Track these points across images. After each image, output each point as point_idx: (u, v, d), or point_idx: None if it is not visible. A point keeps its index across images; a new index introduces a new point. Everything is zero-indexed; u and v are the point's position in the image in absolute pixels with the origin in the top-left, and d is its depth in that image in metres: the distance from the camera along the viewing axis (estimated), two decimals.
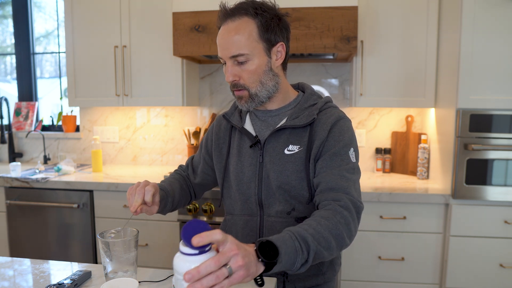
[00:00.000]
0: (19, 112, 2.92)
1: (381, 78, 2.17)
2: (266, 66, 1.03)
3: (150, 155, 2.76)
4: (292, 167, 1.04)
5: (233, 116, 1.17)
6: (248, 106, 1.06)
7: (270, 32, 1.01)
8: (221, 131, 1.19)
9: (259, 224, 1.09)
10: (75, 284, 0.95)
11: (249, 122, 1.14)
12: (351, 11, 1.96)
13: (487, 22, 1.80)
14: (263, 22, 1.00)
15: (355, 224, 0.93)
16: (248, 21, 1.00)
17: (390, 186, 2.07)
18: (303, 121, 1.04)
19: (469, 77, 1.83)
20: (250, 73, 1.02)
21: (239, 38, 0.99)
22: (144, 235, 2.18)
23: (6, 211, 2.29)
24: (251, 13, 1.00)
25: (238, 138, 1.14)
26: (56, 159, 2.88)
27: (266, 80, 1.04)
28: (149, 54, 2.35)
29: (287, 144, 1.06)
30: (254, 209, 1.10)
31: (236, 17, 1.00)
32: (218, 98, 2.65)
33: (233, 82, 1.04)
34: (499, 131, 1.83)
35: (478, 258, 1.91)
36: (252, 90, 1.04)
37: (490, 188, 1.86)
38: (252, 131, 1.11)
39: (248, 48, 1.00)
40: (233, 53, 1.00)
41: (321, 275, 1.11)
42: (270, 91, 1.06)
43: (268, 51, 1.03)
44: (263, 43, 1.01)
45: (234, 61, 1.02)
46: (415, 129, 2.46)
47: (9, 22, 3.03)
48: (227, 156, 1.15)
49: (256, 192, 1.08)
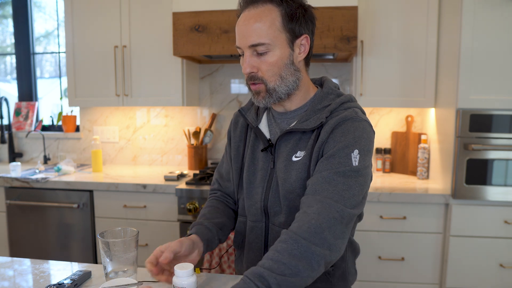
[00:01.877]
0: (19, 112, 2.92)
1: (381, 78, 2.17)
2: (287, 59, 0.94)
3: (150, 155, 2.77)
4: (296, 174, 0.96)
5: (249, 112, 1.08)
6: (265, 102, 0.97)
7: (294, 22, 0.93)
8: (238, 128, 1.10)
9: (264, 232, 1.03)
10: (75, 284, 0.95)
11: (265, 121, 1.05)
12: (351, 11, 1.96)
13: (487, 22, 1.80)
14: (287, 11, 0.92)
15: (332, 232, 0.81)
16: (272, 8, 0.92)
17: (390, 186, 2.07)
18: (311, 125, 0.95)
19: (469, 77, 1.83)
20: (269, 65, 0.93)
21: (260, 26, 0.91)
22: (144, 235, 2.18)
23: (6, 211, 2.29)
24: (276, 0, 0.92)
25: (253, 138, 1.06)
26: (56, 159, 2.88)
27: (286, 74, 0.95)
28: (149, 54, 2.35)
29: (295, 150, 0.98)
30: (259, 216, 1.03)
31: (259, 4, 0.92)
32: (218, 98, 2.65)
33: (250, 74, 0.95)
34: (499, 131, 1.83)
35: (478, 258, 1.91)
36: (270, 85, 0.95)
37: (490, 188, 1.86)
38: (266, 133, 1.03)
39: (270, 38, 0.91)
40: (253, 41, 0.91)
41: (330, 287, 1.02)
42: (290, 87, 0.97)
43: (291, 43, 0.94)
44: (286, 34, 0.93)
45: (253, 51, 0.93)
46: (415, 129, 2.46)
47: (9, 22, 3.03)
48: (243, 156, 1.08)
49: (262, 198, 1.01)
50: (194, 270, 0.88)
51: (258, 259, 1.01)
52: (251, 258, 1.06)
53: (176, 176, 2.22)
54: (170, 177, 2.21)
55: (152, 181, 2.20)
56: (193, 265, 0.89)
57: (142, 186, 2.13)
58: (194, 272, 0.87)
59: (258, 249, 1.04)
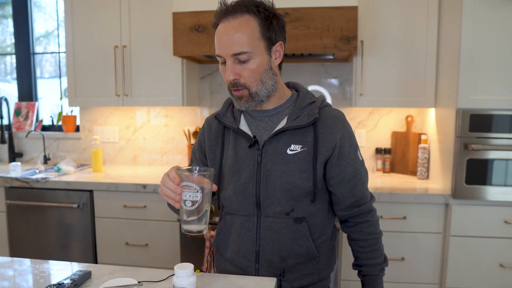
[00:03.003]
0: (19, 112, 2.92)
1: (381, 78, 2.17)
2: (267, 64, 1.02)
3: (150, 155, 2.77)
4: (295, 166, 1.04)
5: (225, 117, 1.14)
6: (248, 105, 1.04)
7: (271, 30, 1.00)
8: (212, 132, 1.16)
9: (256, 224, 1.08)
10: (75, 284, 0.95)
11: (244, 122, 1.12)
12: (351, 11, 1.96)
13: (487, 21, 1.80)
14: (264, 21, 0.99)
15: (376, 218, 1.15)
16: (250, 18, 0.98)
17: (390, 186, 2.07)
18: (305, 121, 1.04)
19: (469, 77, 1.83)
20: (251, 71, 1.00)
21: (241, 35, 0.97)
22: (144, 235, 2.18)
23: (6, 211, 2.30)
24: (253, 11, 0.98)
25: (233, 139, 1.12)
26: (56, 159, 2.88)
27: (266, 79, 1.03)
28: (149, 54, 2.35)
29: (289, 144, 1.05)
30: (251, 210, 1.09)
31: (238, 14, 0.98)
32: (218, 98, 2.65)
33: (233, 81, 1.01)
34: (499, 131, 1.83)
35: (478, 258, 1.91)
36: (253, 89, 1.02)
37: (490, 188, 1.86)
38: (248, 132, 1.10)
39: (251, 46, 0.98)
40: (235, 51, 0.98)
41: (316, 273, 1.11)
42: (270, 90, 1.05)
43: (269, 49, 1.02)
44: (264, 42, 1.00)
45: (235, 60, 0.99)
46: (415, 129, 2.46)
47: (9, 22, 3.03)
48: (221, 158, 1.14)
49: (255, 192, 1.07)
50: (194, 270, 0.88)
51: (251, 251, 1.08)
52: (243, 251, 1.10)
53: None
54: None
55: (152, 181, 2.20)
56: (193, 265, 0.89)
57: (142, 186, 2.13)
58: (194, 272, 0.87)
59: (250, 241, 1.09)
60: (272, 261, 1.07)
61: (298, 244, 1.06)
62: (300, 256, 1.07)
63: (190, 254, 2.05)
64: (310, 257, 1.08)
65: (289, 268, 1.08)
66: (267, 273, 1.08)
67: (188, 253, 2.06)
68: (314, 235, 1.09)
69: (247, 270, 1.10)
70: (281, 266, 1.08)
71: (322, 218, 1.11)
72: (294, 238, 1.06)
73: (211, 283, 0.98)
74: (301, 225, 1.06)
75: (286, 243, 1.06)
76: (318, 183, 1.06)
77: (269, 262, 1.08)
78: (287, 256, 1.07)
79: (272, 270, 1.08)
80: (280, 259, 1.07)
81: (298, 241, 1.06)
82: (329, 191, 1.12)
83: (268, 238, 1.07)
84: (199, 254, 2.04)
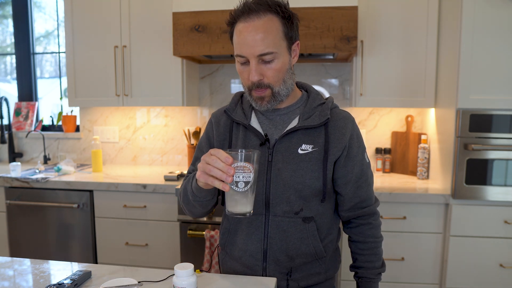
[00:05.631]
0: (19, 112, 2.92)
1: (381, 78, 2.17)
2: (288, 64, 1.03)
3: (150, 155, 2.77)
4: (306, 166, 1.04)
5: (235, 112, 1.12)
6: (270, 106, 1.04)
7: (292, 30, 1.01)
8: (221, 127, 1.14)
9: (264, 223, 1.08)
10: (75, 284, 0.95)
11: (255, 119, 1.10)
12: (351, 11, 1.96)
13: (487, 22, 1.80)
14: (286, 20, 0.99)
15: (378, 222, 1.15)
16: (273, 18, 0.98)
17: (390, 186, 2.07)
18: (317, 121, 1.04)
19: (469, 77, 1.83)
20: (275, 71, 0.99)
21: (267, 36, 0.96)
22: (144, 235, 2.18)
23: (6, 211, 2.30)
24: (276, 11, 0.98)
25: (242, 135, 1.10)
26: (56, 159, 2.88)
27: (287, 78, 1.03)
28: (149, 54, 2.35)
29: (300, 143, 1.05)
30: (260, 208, 1.08)
31: (261, 13, 0.97)
32: (218, 98, 2.65)
33: (258, 82, 1.00)
34: (499, 131, 1.83)
35: (478, 258, 1.92)
36: (276, 89, 1.02)
37: (490, 188, 1.86)
38: (259, 129, 1.09)
39: (276, 47, 0.97)
40: (261, 51, 0.96)
41: (323, 273, 1.11)
42: (289, 89, 1.05)
43: (289, 49, 1.02)
44: (286, 41, 1.00)
45: (259, 60, 0.98)
46: (415, 129, 2.46)
47: (9, 22, 3.03)
48: None
49: (264, 191, 1.06)
50: (194, 270, 0.88)
51: (259, 250, 1.08)
52: (251, 249, 1.09)
53: (176, 176, 2.22)
54: (170, 177, 2.21)
55: (152, 181, 2.20)
56: (193, 265, 0.89)
57: (142, 186, 2.13)
58: (194, 272, 0.87)
59: (258, 240, 1.08)
60: (280, 260, 1.07)
61: (306, 243, 1.07)
62: (308, 255, 1.08)
63: (190, 254, 2.05)
64: (317, 256, 1.08)
65: (297, 267, 1.08)
66: (274, 272, 1.08)
67: (188, 253, 2.06)
68: (321, 234, 1.09)
69: (254, 269, 1.10)
70: (289, 265, 1.08)
71: (329, 218, 1.12)
72: (302, 238, 1.06)
73: (211, 283, 0.99)
74: (309, 224, 1.06)
75: (294, 242, 1.06)
76: (328, 183, 1.06)
77: (276, 261, 1.07)
78: (294, 255, 1.07)
79: (280, 269, 1.08)
80: (288, 258, 1.07)
81: (306, 240, 1.06)
82: (335, 191, 1.12)
83: (276, 237, 1.07)
84: (199, 254, 2.04)
